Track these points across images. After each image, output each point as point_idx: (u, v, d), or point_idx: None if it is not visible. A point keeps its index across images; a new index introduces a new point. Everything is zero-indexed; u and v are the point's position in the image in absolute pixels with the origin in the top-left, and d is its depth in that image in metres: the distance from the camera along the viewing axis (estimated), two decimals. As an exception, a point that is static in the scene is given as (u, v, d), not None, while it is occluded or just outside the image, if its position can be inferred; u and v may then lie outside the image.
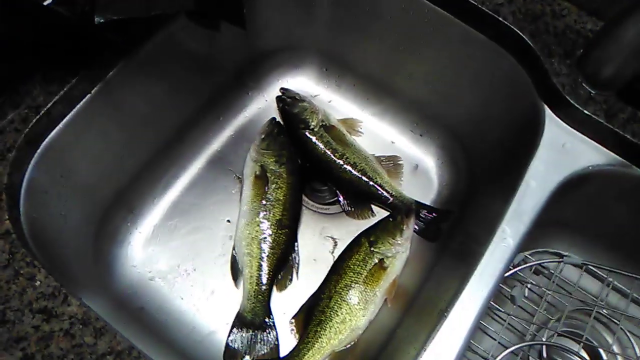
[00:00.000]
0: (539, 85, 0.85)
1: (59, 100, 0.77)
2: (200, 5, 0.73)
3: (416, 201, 1.05)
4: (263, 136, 1.06)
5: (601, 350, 0.93)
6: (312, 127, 1.05)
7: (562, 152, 0.82)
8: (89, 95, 0.80)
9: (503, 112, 0.94)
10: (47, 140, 0.78)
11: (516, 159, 0.87)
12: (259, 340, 0.94)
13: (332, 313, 0.93)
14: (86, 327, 0.63)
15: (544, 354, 0.94)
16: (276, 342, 0.95)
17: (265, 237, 0.99)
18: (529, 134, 0.85)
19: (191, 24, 0.84)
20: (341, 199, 1.06)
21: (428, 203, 1.08)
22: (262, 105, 1.15)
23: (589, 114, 0.80)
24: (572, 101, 0.81)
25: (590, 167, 0.81)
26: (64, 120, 0.79)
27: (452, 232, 1.02)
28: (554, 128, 0.83)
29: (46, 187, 0.79)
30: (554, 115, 0.84)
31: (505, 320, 0.94)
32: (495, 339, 0.93)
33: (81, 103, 0.80)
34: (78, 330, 0.62)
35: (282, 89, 1.12)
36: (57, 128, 0.78)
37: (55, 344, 0.62)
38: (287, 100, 1.08)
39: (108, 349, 0.62)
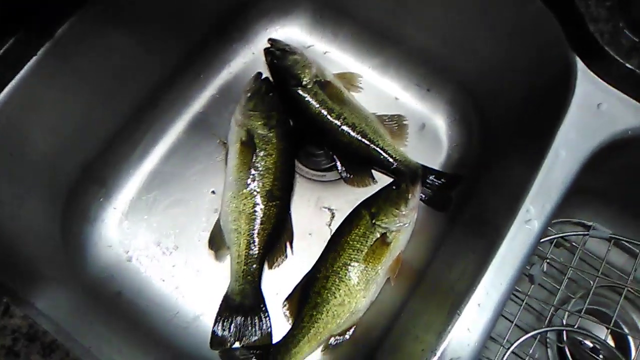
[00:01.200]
0: (571, 34, 0.72)
1: (-3, 65, 0.64)
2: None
3: (423, 165, 0.94)
4: (249, 95, 0.94)
5: (630, 338, 0.84)
6: (304, 83, 0.92)
7: (597, 114, 0.69)
8: (34, 58, 0.68)
9: (527, 65, 0.81)
10: (-13, 112, 0.66)
11: (542, 121, 0.75)
12: (249, 325, 0.86)
13: (329, 294, 0.84)
14: (32, 344, 0.53)
15: (564, 337, 0.85)
16: (268, 327, 0.86)
17: (254, 211, 0.88)
18: (558, 92, 0.73)
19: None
20: (339, 164, 0.94)
21: (436, 167, 0.97)
22: (249, 59, 1.02)
23: (632, 67, 0.67)
24: (611, 52, 0.68)
25: (629, 132, 0.69)
26: (6, 89, 0.67)
27: (464, 202, 0.91)
28: (588, 85, 0.70)
29: (-8, 168, 0.68)
30: (588, 70, 0.71)
31: (522, 301, 0.85)
32: (511, 321, 0.84)
33: (25, 67, 0.68)
34: (23, 348, 0.53)
35: (270, 39, 0.98)
36: (-1, 97, 0.67)
37: (-4, 365, 0.52)
38: (277, 53, 0.95)
39: (59, 368, 0.53)
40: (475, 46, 0.89)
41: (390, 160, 0.94)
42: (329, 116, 0.93)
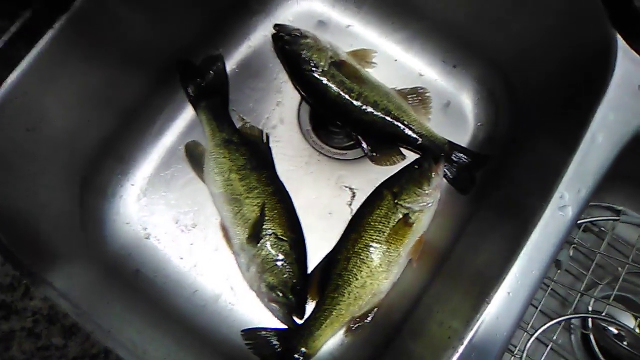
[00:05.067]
0: (612, 9, 0.67)
1: (14, 39, 0.62)
2: None
3: (449, 141, 0.91)
4: None
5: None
6: (321, 67, 0.89)
7: (638, 96, 0.66)
8: (51, 31, 0.66)
9: (562, 42, 0.77)
10: (4, 87, 0.64)
11: (577, 101, 0.71)
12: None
13: (350, 276, 0.83)
14: (53, 326, 0.52)
15: (589, 324, 0.83)
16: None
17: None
18: (596, 71, 0.69)
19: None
20: (364, 144, 0.92)
21: (462, 146, 0.94)
22: (269, 32, 0.98)
23: (677, 46, 0.63)
24: (655, 30, 0.64)
25: (672, 115, 0.66)
26: (23, 63, 0.65)
27: (490, 183, 0.89)
28: (629, 64, 0.67)
29: (8, 145, 0.67)
30: (629, 49, 0.67)
31: (548, 287, 0.82)
32: (536, 307, 0.82)
33: (43, 40, 0.65)
34: (44, 330, 0.52)
35: (276, 25, 0.94)
36: (16, 72, 0.65)
37: (16, 346, 0.51)
38: (286, 38, 0.91)
39: (80, 351, 0.52)
40: (506, 19, 0.85)
41: (416, 136, 0.91)
42: (349, 97, 0.90)
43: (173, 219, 0.90)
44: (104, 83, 0.81)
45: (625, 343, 0.85)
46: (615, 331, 0.85)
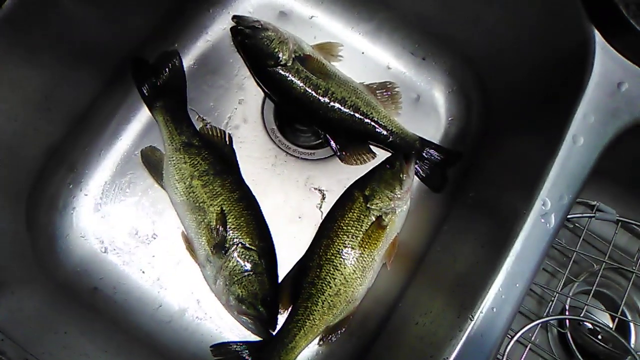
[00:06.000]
0: (590, 3, 0.64)
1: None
2: None
3: (421, 138, 0.88)
4: None
5: (632, 325, 0.82)
6: (283, 61, 0.84)
7: (617, 95, 0.63)
8: (-20, 34, 0.58)
9: (537, 36, 0.74)
10: None
11: (555, 100, 0.69)
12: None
13: (323, 285, 0.79)
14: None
15: (567, 322, 0.82)
16: None
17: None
18: (573, 69, 0.66)
19: None
20: (332, 143, 0.87)
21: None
22: (228, 24, 0.92)
23: (658, 44, 0.61)
24: (634, 24, 0.61)
25: (653, 114, 0.64)
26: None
27: (464, 181, 0.86)
28: (608, 62, 0.64)
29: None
30: (608, 45, 0.64)
31: (525, 286, 0.81)
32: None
33: (-29, 46, 0.58)
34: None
35: (235, 17, 0.87)
36: (-58, 83, 0.57)
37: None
38: (246, 32, 0.85)
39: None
40: (478, 10, 0.81)
41: (386, 133, 0.87)
42: (315, 94, 0.85)
43: (132, 229, 0.84)
44: (50, 86, 0.75)
45: (599, 337, 0.84)
46: (590, 325, 0.85)
